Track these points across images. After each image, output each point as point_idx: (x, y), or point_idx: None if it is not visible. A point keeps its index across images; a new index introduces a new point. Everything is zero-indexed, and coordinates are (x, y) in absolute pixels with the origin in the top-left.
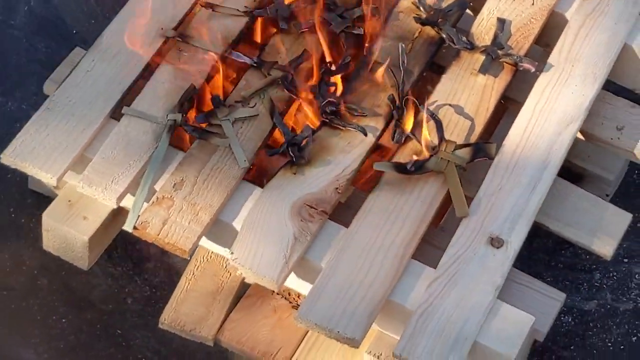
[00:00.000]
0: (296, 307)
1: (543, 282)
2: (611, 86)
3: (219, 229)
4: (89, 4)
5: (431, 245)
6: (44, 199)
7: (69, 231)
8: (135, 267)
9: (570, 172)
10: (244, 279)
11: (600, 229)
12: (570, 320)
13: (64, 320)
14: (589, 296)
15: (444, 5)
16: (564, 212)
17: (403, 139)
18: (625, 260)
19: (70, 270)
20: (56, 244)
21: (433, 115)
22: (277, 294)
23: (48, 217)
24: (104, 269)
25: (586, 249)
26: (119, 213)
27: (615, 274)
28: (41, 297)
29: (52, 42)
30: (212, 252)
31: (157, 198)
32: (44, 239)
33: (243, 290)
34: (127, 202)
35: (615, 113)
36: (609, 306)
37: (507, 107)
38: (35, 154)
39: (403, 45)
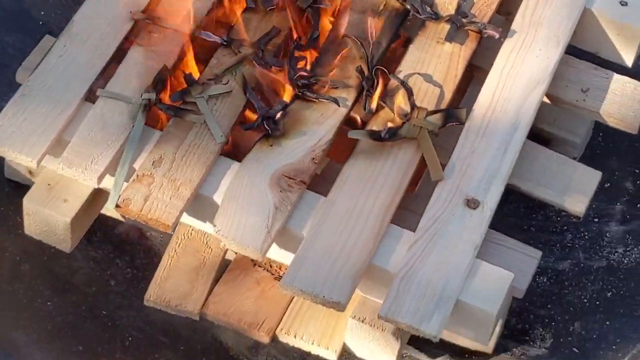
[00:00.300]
0: (278, 278)
1: None
2: (573, 50)
3: (200, 204)
4: None
5: (407, 210)
6: (20, 187)
7: (50, 214)
8: (116, 249)
9: (538, 137)
10: (225, 253)
11: (571, 188)
12: (545, 280)
13: (49, 303)
14: (562, 256)
15: None
16: (534, 173)
17: (375, 108)
18: (596, 220)
19: (51, 255)
20: (38, 228)
21: (403, 84)
22: (259, 266)
23: (29, 201)
24: (84, 253)
25: (557, 211)
26: (98, 195)
27: (586, 233)
28: (25, 282)
29: (20, 35)
30: (192, 229)
31: (137, 176)
32: (25, 223)
33: (225, 265)
34: (106, 183)
35: (579, 76)
36: (582, 265)
37: (473, 75)
38: (13, 138)
39: (371, 18)
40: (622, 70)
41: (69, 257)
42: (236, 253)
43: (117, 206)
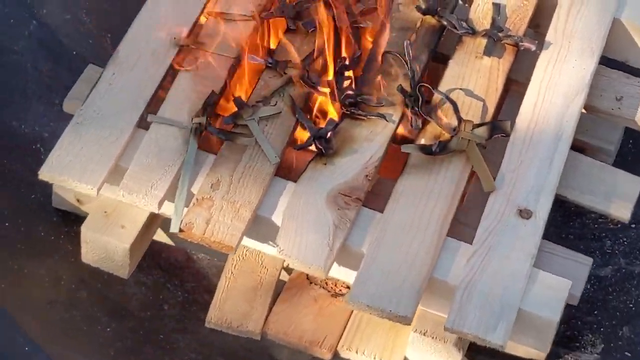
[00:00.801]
0: (335, 295)
1: None
2: (602, 60)
3: (258, 225)
4: (85, 26)
5: (457, 222)
6: (68, 215)
7: (109, 241)
8: (165, 274)
9: (572, 146)
10: (280, 272)
11: (614, 195)
12: (588, 287)
13: (108, 329)
14: (603, 263)
15: None
16: (578, 181)
17: (421, 123)
18: (633, 225)
19: (105, 282)
20: (95, 255)
21: (448, 98)
22: (315, 284)
23: (87, 229)
24: (136, 278)
25: (594, 218)
26: (152, 220)
27: (625, 239)
28: (83, 309)
29: (55, 65)
30: (247, 250)
31: (197, 199)
32: (82, 251)
33: (281, 284)
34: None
35: (612, 84)
36: (623, 270)
37: (508, 88)
38: (72, 167)
39: (409, 41)
40: None
41: (122, 284)
42: (289, 272)
43: (180, 230)
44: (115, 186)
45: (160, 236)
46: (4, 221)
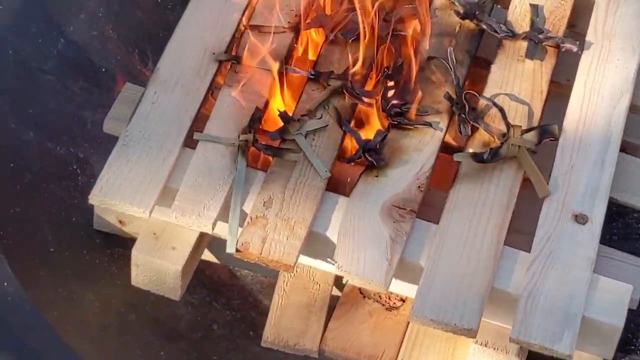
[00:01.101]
0: (390, 308)
1: None
2: None
3: (312, 241)
4: (112, 42)
5: (511, 229)
6: (110, 237)
7: (161, 263)
8: (210, 293)
9: None
10: (332, 288)
11: None
12: None
13: (162, 353)
14: None
15: None
16: (628, 183)
17: (470, 131)
18: None
19: (153, 304)
20: (146, 279)
21: (495, 104)
22: (369, 298)
23: (138, 252)
24: (182, 299)
25: (637, 218)
26: (201, 240)
27: None
28: (134, 333)
29: (85, 83)
30: (297, 267)
31: (251, 218)
32: (132, 274)
33: (333, 298)
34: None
35: None
36: None
37: (549, 90)
38: (122, 190)
39: (452, 47)
40: None
41: (170, 305)
42: (340, 288)
43: (237, 250)
44: (165, 207)
45: (203, 254)
46: (49, 246)
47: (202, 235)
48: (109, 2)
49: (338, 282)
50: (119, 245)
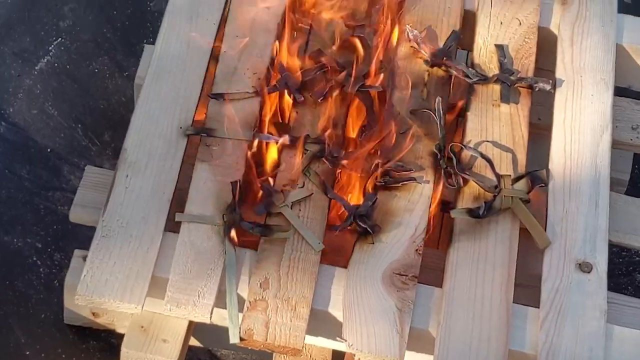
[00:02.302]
0: None
1: None
2: None
3: (315, 318)
4: (54, 119)
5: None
6: (83, 331)
7: (154, 358)
8: None
9: None
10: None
11: None
12: None
13: None
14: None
15: (440, 44)
16: (619, 222)
17: (461, 183)
18: None
19: None
20: None
21: (483, 156)
22: None
23: (128, 349)
24: None
25: (617, 252)
26: (189, 328)
27: None
28: None
29: (31, 166)
30: None
31: (250, 302)
32: None
33: None
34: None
35: (624, 114)
36: None
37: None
38: (110, 286)
39: (439, 98)
40: None
41: None
42: None
43: (241, 339)
44: (154, 299)
45: None
46: (24, 349)
47: (191, 323)
48: (45, 78)
49: (336, 357)
50: (92, 338)
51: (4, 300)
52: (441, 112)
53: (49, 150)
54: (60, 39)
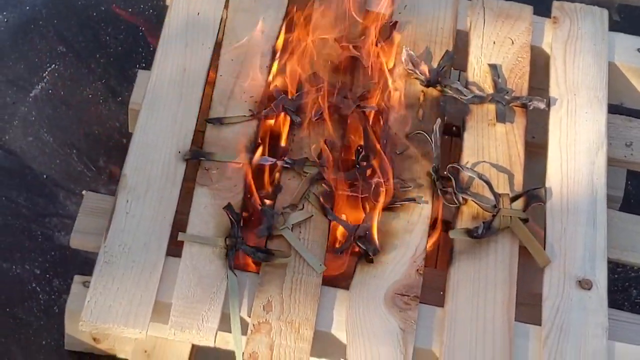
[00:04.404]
0: None
1: None
2: None
3: (318, 340)
4: (49, 146)
5: None
6: (84, 357)
7: None
8: None
9: None
10: None
11: None
12: None
13: None
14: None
15: (434, 64)
16: (616, 239)
17: (460, 201)
18: None
19: None
20: None
21: (481, 177)
22: None
23: None
24: None
25: (611, 269)
26: (192, 351)
27: None
28: None
29: (28, 193)
30: None
31: (254, 325)
32: None
33: None
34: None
35: (618, 131)
36: None
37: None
38: (114, 312)
39: (439, 120)
40: None
41: None
42: None
43: None
44: (158, 323)
45: None
46: None
47: (193, 347)
48: (39, 105)
49: None
50: None
51: (4, 327)
52: (437, 134)
53: (45, 176)
54: (54, 65)
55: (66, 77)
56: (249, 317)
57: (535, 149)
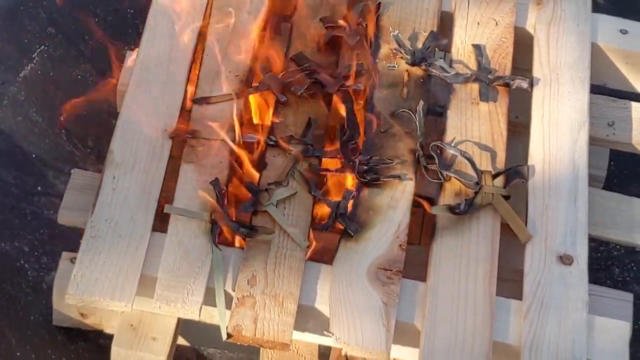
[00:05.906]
0: None
1: None
2: None
3: (302, 314)
4: (38, 125)
5: None
6: (71, 332)
7: (144, 355)
8: None
9: None
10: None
11: (636, 224)
12: None
13: None
14: None
15: (419, 44)
16: (597, 215)
17: (443, 178)
18: (638, 249)
19: None
20: None
21: (463, 154)
22: None
23: (118, 347)
24: None
25: (595, 247)
26: (177, 325)
27: (633, 265)
28: None
29: (17, 172)
30: None
31: (238, 299)
32: None
33: None
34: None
35: (600, 111)
36: None
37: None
38: (100, 285)
39: (422, 101)
40: (634, 97)
41: None
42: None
43: (229, 335)
44: (143, 297)
45: None
46: (15, 351)
47: (179, 320)
48: (28, 85)
49: (322, 352)
50: (81, 338)
51: None
52: (421, 114)
53: (34, 156)
54: (43, 46)
55: (55, 58)
56: (234, 291)
57: (519, 129)
